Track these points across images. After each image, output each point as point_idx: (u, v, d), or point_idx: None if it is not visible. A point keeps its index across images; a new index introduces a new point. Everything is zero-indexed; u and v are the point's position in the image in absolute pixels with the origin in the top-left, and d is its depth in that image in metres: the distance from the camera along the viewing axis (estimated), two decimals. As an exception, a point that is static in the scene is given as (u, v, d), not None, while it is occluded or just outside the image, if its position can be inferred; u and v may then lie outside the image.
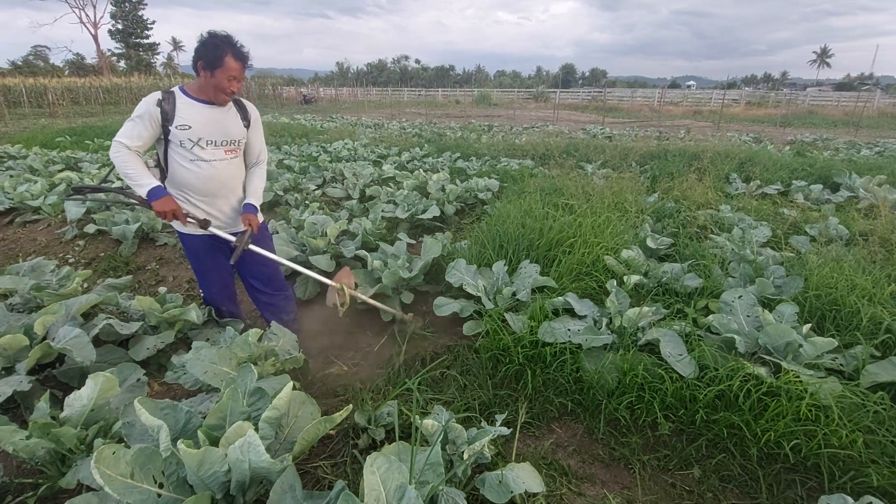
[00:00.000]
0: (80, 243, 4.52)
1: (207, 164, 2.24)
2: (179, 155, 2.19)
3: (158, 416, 1.59)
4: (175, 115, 2.12)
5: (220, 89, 2.13)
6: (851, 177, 6.31)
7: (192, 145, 2.18)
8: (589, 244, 3.13)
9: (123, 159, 2.07)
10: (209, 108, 2.20)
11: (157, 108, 2.09)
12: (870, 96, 30.69)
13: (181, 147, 2.17)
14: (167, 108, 2.10)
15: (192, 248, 2.43)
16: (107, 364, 2.33)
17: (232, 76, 2.11)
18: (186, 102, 2.16)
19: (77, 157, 8.07)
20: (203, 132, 2.18)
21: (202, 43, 2.07)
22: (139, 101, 2.18)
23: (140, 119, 2.08)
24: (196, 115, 2.16)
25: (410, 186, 5.28)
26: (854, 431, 1.81)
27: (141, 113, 2.08)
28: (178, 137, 2.14)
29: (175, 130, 2.13)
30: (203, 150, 2.21)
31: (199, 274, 2.57)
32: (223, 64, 2.07)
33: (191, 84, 2.21)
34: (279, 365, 2.13)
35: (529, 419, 2.18)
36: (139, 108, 2.09)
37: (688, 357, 2.18)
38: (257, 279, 2.63)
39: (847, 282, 2.66)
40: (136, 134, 2.08)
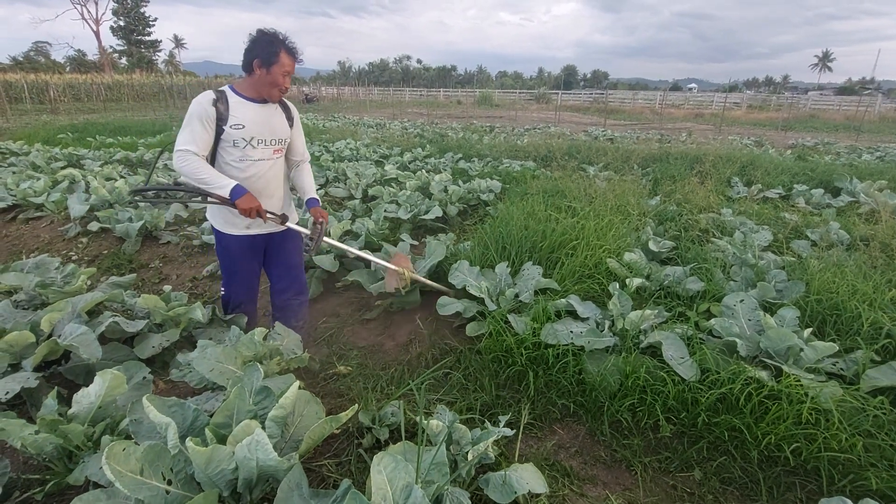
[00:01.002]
0: (83, 241, 4.53)
1: (256, 163, 2.25)
2: (229, 154, 2.19)
3: (166, 413, 1.61)
4: (229, 114, 2.12)
5: (274, 85, 2.15)
6: (852, 181, 6.33)
7: (244, 144, 2.19)
8: (591, 247, 3.15)
9: (194, 165, 2.06)
10: (260, 106, 2.21)
11: (212, 109, 2.08)
12: (871, 101, 30.74)
13: (233, 146, 2.17)
14: (221, 108, 2.10)
15: (229, 248, 2.41)
16: (112, 362, 2.35)
17: (286, 72, 2.13)
18: (239, 101, 2.16)
19: (79, 154, 8.09)
20: (255, 131, 2.19)
21: (256, 41, 2.09)
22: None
23: (199, 122, 2.07)
24: (249, 114, 2.17)
25: (413, 187, 5.30)
26: (854, 435, 1.83)
27: (198, 115, 2.07)
28: (232, 137, 2.15)
29: (229, 130, 2.13)
30: (254, 149, 2.22)
31: (229, 273, 2.54)
32: (278, 60, 2.09)
33: (241, 83, 2.21)
34: (284, 364, 2.15)
35: (532, 420, 2.20)
36: (195, 111, 2.07)
37: (689, 360, 2.19)
38: (285, 281, 2.64)
39: (848, 287, 2.68)
40: (199, 138, 2.07)
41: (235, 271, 2.50)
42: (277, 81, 2.14)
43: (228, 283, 2.56)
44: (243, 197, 2.11)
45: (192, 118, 2.06)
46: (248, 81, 2.18)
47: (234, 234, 2.35)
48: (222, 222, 2.33)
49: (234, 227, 2.33)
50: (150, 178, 2.49)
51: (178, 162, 2.07)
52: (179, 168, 2.07)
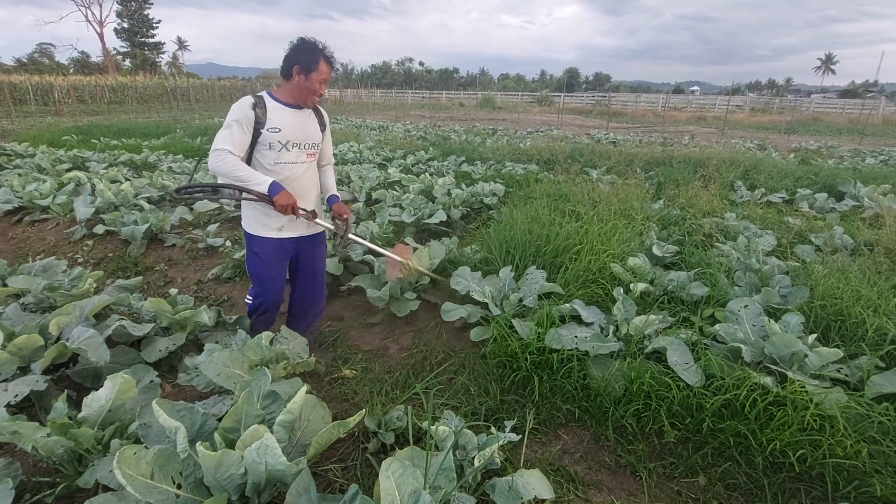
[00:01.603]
0: (88, 243, 4.56)
1: (291, 166, 2.29)
2: (264, 157, 2.24)
3: (175, 417, 1.63)
4: (267, 118, 2.18)
5: (311, 92, 2.22)
6: (856, 186, 6.32)
7: (280, 147, 2.23)
8: (595, 251, 3.16)
9: (232, 163, 2.10)
10: (296, 111, 2.27)
11: (252, 112, 2.14)
12: (874, 104, 30.68)
13: (269, 149, 2.22)
14: (259, 112, 2.16)
15: (265, 254, 2.39)
16: (120, 365, 2.36)
17: (323, 79, 2.20)
18: (276, 106, 2.22)
19: (84, 156, 8.13)
20: (290, 135, 2.25)
21: (297, 48, 2.16)
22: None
23: (238, 124, 2.11)
24: (285, 119, 2.23)
25: (416, 190, 5.32)
26: (858, 442, 1.83)
27: (238, 118, 2.11)
28: (268, 140, 2.20)
29: (266, 133, 2.19)
30: (289, 152, 2.27)
31: (262, 280, 2.46)
32: (317, 67, 2.16)
33: (279, 89, 2.27)
34: (290, 368, 2.16)
35: (536, 425, 2.21)
36: (235, 113, 2.12)
37: (694, 366, 2.20)
38: (308, 287, 2.65)
39: (852, 292, 2.68)
40: (237, 140, 2.12)
41: (269, 276, 2.45)
42: (314, 88, 2.20)
43: (261, 288, 2.49)
44: (281, 193, 2.14)
45: (231, 120, 2.12)
46: (286, 87, 2.24)
47: (268, 237, 2.36)
48: (255, 224, 2.34)
49: (268, 228, 2.34)
50: (192, 180, 2.51)
51: (214, 161, 2.10)
52: (216, 167, 2.10)
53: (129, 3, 49.57)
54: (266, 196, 2.14)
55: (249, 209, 2.34)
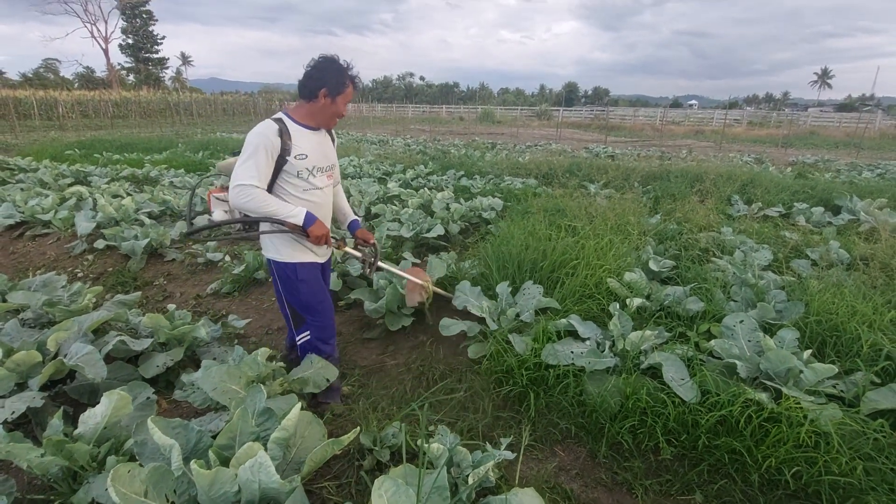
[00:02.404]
0: (88, 258, 4.59)
1: (318, 192, 2.18)
2: (293, 185, 2.10)
3: (170, 435, 1.63)
4: (292, 144, 2.03)
5: (336, 115, 2.12)
6: (852, 199, 6.36)
7: (307, 174, 2.11)
8: (592, 266, 3.18)
9: (261, 198, 1.96)
10: (315, 133, 2.15)
11: (278, 140, 1.98)
12: (871, 117, 30.94)
13: (297, 177, 2.08)
14: (285, 140, 2.01)
15: (307, 280, 2.24)
16: (117, 381, 2.37)
17: (348, 101, 2.11)
18: (298, 130, 2.07)
19: (86, 171, 8.20)
20: (315, 160, 2.13)
21: (325, 69, 2.02)
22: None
23: (265, 155, 1.96)
24: (308, 143, 2.10)
25: (415, 205, 5.36)
26: (854, 459, 1.83)
27: (265, 148, 1.96)
28: (296, 168, 2.06)
29: (293, 161, 2.04)
30: (315, 177, 2.15)
31: (312, 308, 2.29)
32: (345, 90, 2.06)
33: (298, 110, 2.11)
34: (287, 385, 2.17)
35: (532, 442, 2.20)
36: (257, 142, 1.95)
37: (690, 382, 2.20)
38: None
39: (847, 307, 2.69)
40: (262, 172, 1.97)
41: (320, 301, 2.30)
42: (340, 111, 2.10)
43: (314, 319, 2.31)
44: (315, 223, 2.07)
45: (256, 150, 1.94)
46: (308, 109, 2.10)
47: (311, 261, 2.24)
48: (293, 252, 2.17)
49: (305, 253, 2.21)
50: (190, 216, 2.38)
51: (240, 197, 1.94)
52: (243, 203, 1.95)
53: (133, 19, 50.34)
54: (300, 228, 2.06)
55: (280, 237, 2.16)
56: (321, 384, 2.24)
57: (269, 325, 3.32)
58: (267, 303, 3.60)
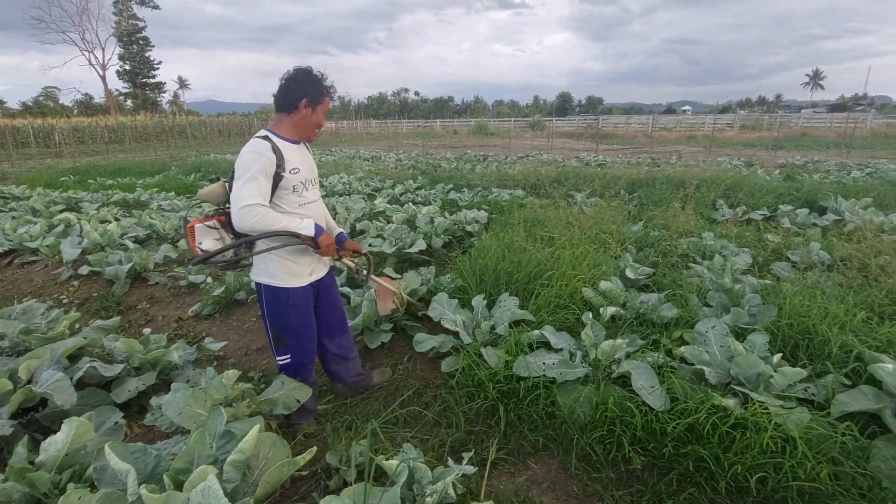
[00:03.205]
0: (74, 284, 4.61)
1: (312, 205, 2.18)
2: (288, 201, 2.07)
3: (128, 460, 1.63)
4: (284, 159, 2.00)
5: (317, 125, 2.12)
6: (837, 200, 6.38)
7: (302, 189, 2.10)
8: (567, 276, 3.18)
9: (269, 217, 1.92)
10: (297, 147, 2.12)
11: (273, 156, 1.95)
12: (862, 117, 31.14)
13: (293, 192, 2.06)
14: (277, 156, 1.97)
15: (298, 305, 2.19)
16: (88, 407, 2.36)
17: (327, 111, 2.12)
18: (284, 145, 2.04)
19: (78, 196, 8.26)
20: (305, 172, 2.11)
21: (302, 80, 2.02)
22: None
23: (263, 173, 1.92)
24: (296, 157, 2.07)
25: (400, 220, 5.38)
26: (819, 463, 1.82)
27: (262, 166, 1.92)
28: (292, 182, 2.03)
29: (289, 176, 2.01)
30: (307, 191, 2.14)
31: (297, 334, 2.25)
32: (324, 100, 2.08)
33: (280, 125, 2.08)
34: (255, 406, 2.16)
35: (505, 455, 2.19)
36: (257, 161, 1.91)
37: (659, 389, 2.19)
38: (338, 325, 2.50)
39: (820, 309, 2.69)
40: (265, 191, 1.94)
41: (305, 327, 2.26)
42: (320, 121, 2.11)
43: (297, 344, 2.27)
44: (324, 234, 2.07)
45: (255, 169, 1.90)
46: (289, 121, 2.07)
47: (303, 286, 2.19)
48: (286, 276, 2.12)
49: (300, 277, 2.16)
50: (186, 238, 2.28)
51: (249, 218, 1.89)
52: (252, 224, 1.90)
53: (130, 45, 51.15)
54: (311, 239, 2.03)
55: (273, 261, 2.10)
56: (291, 405, 2.24)
57: (249, 346, 3.32)
58: (248, 323, 3.60)
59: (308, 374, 2.37)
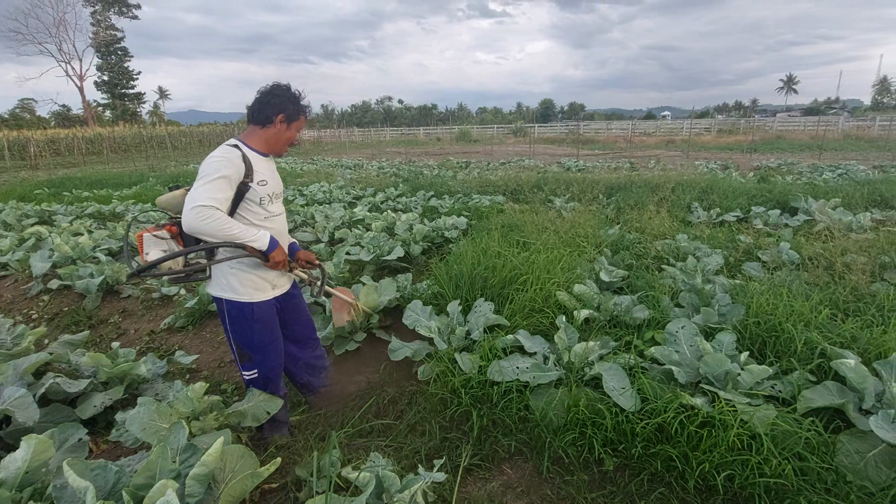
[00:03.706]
0: (44, 298, 4.49)
1: (277, 218, 2.16)
2: (253, 213, 2.03)
3: (87, 477, 1.59)
4: (254, 170, 1.97)
5: (289, 142, 2.12)
6: (808, 201, 6.54)
7: (268, 201, 2.07)
8: (541, 280, 3.20)
9: (221, 221, 1.84)
10: (266, 159, 2.11)
11: (242, 165, 1.92)
12: (834, 120, 32.09)
13: (258, 205, 2.02)
14: (247, 166, 1.94)
15: (263, 319, 2.14)
16: (52, 424, 2.29)
17: (301, 129, 2.14)
18: (255, 156, 2.02)
19: (51, 209, 8.07)
20: (272, 186, 2.10)
21: (280, 95, 2.03)
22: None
23: (226, 179, 1.86)
24: (265, 169, 2.06)
25: (379, 228, 5.37)
26: (785, 459, 1.85)
27: (227, 171, 1.86)
28: (259, 194, 2.00)
29: (256, 187, 1.98)
30: (273, 205, 2.12)
31: (263, 348, 2.19)
32: (300, 117, 2.09)
33: (251, 136, 2.06)
34: (223, 419, 2.13)
35: (479, 461, 2.18)
36: (222, 165, 1.86)
37: (630, 390, 2.21)
38: (307, 336, 2.48)
39: (785, 308, 2.75)
40: (224, 196, 1.87)
41: (271, 341, 2.21)
42: (293, 138, 2.12)
43: (263, 359, 2.21)
44: (278, 249, 2.01)
45: (220, 174, 1.85)
46: (262, 135, 2.06)
47: (267, 300, 2.14)
48: (250, 290, 2.07)
49: (263, 291, 2.12)
50: (127, 252, 2.19)
51: (199, 219, 1.79)
52: (201, 226, 1.81)
53: (108, 56, 50.44)
54: (261, 253, 1.98)
55: (235, 275, 2.04)
56: (261, 417, 2.20)
57: (222, 359, 3.27)
58: (221, 335, 3.55)
59: (277, 388, 2.33)
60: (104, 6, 48.12)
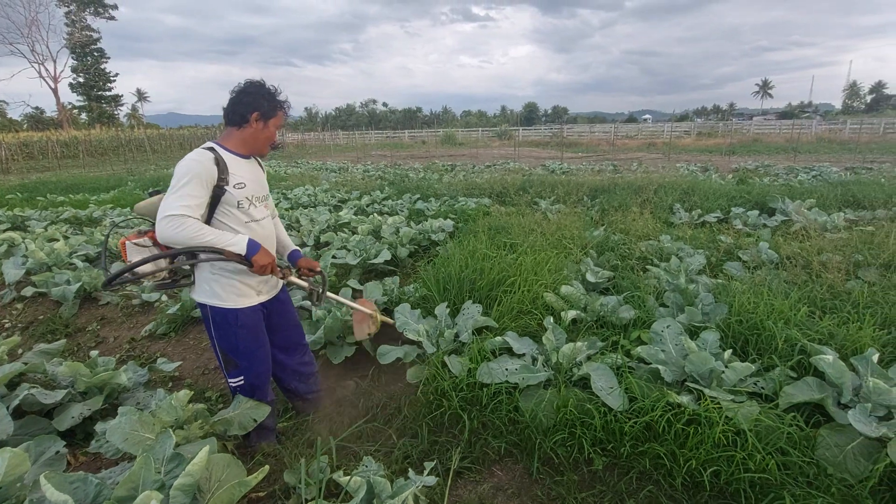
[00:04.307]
0: (18, 306, 4.35)
1: (261, 223, 2.08)
2: (232, 218, 1.97)
3: (66, 490, 1.54)
4: (229, 173, 1.90)
5: (269, 140, 2.04)
6: (785, 202, 6.71)
7: (248, 205, 1.99)
8: (529, 282, 3.22)
9: (194, 229, 1.78)
10: (248, 162, 2.05)
11: (214, 168, 1.85)
12: (807, 123, 33.03)
13: (237, 209, 1.96)
14: (221, 169, 1.88)
15: (247, 325, 2.09)
16: (27, 436, 2.22)
17: (278, 126, 2.04)
18: (232, 159, 1.95)
19: (25, 215, 7.83)
20: (252, 189, 2.02)
21: (254, 93, 1.96)
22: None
23: (199, 183, 1.81)
24: (243, 171, 1.99)
25: (365, 231, 5.33)
26: (768, 454, 1.88)
27: (199, 176, 1.81)
28: (236, 198, 1.93)
29: (232, 190, 1.92)
30: (256, 208, 2.05)
31: (249, 355, 2.14)
32: (277, 114, 2.00)
33: (229, 138, 2.00)
34: (208, 427, 2.08)
35: (469, 464, 2.18)
36: (191, 168, 1.81)
37: (618, 390, 2.23)
38: (294, 342, 2.42)
39: (766, 306, 2.81)
40: (197, 202, 1.81)
41: (257, 348, 2.16)
42: (272, 136, 2.03)
43: (249, 366, 2.16)
44: (260, 251, 1.91)
45: (190, 179, 1.79)
46: (239, 135, 2.00)
47: (251, 306, 2.09)
48: (233, 296, 2.02)
49: (247, 297, 2.07)
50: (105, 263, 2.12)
51: (172, 229, 1.75)
52: (174, 235, 1.76)
53: (84, 57, 49.26)
54: (241, 257, 1.89)
55: (218, 281, 2.00)
56: (248, 425, 2.16)
57: (206, 366, 3.21)
58: (205, 342, 3.48)
59: (264, 394, 2.28)
60: (79, 6, 47.02)
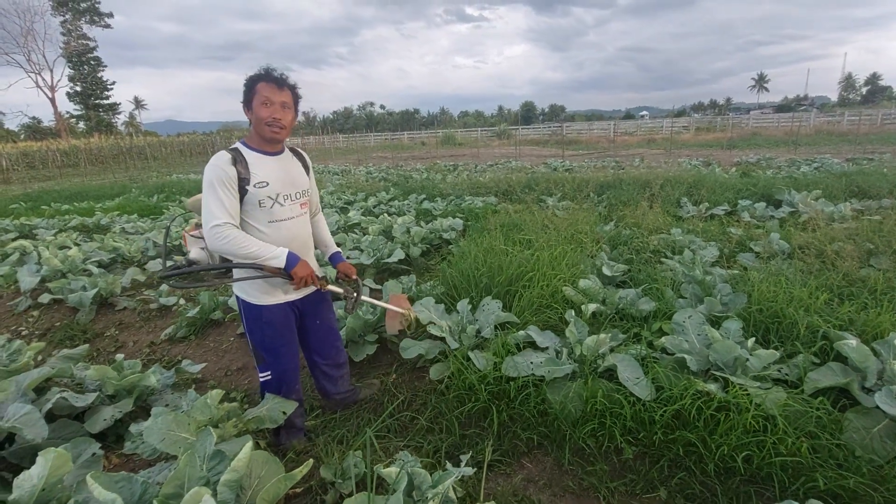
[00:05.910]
0: (34, 314, 4.37)
1: (286, 222, 2.04)
2: (256, 218, 1.97)
3: (113, 489, 1.56)
4: (250, 172, 1.91)
5: (262, 121, 1.92)
6: (791, 193, 6.74)
7: (271, 203, 1.98)
8: (547, 277, 3.24)
9: (238, 240, 1.82)
10: (276, 158, 2.03)
11: (233, 169, 1.86)
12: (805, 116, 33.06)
13: (260, 208, 1.95)
14: (241, 168, 1.89)
15: (273, 323, 2.11)
16: (61, 440, 2.25)
17: (265, 99, 1.90)
18: (255, 157, 1.96)
19: (32, 223, 7.86)
20: (279, 187, 1.99)
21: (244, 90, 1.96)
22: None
23: (223, 188, 1.84)
24: (268, 169, 1.97)
25: (376, 231, 5.36)
26: (798, 438, 1.90)
27: (220, 181, 1.84)
28: (258, 197, 1.93)
29: (254, 190, 1.92)
30: (282, 207, 2.01)
31: (274, 351, 2.17)
32: (256, 91, 1.91)
33: (251, 136, 2.02)
34: (242, 425, 2.10)
35: (499, 456, 2.20)
36: (214, 176, 1.83)
37: (644, 380, 2.26)
38: (327, 346, 2.42)
39: (786, 294, 2.83)
40: (230, 206, 1.85)
41: (282, 345, 2.17)
42: (262, 115, 1.91)
43: (275, 362, 2.18)
44: (300, 264, 1.93)
45: (213, 186, 1.83)
46: (251, 132, 2.02)
47: (277, 303, 2.10)
48: (258, 293, 2.05)
49: (273, 295, 2.08)
50: (165, 256, 2.07)
51: (216, 240, 1.81)
52: (221, 246, 1.82)
53: (81, 66, 49.36)
54: (282, 271, 1.92)
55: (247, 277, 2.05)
56: (278, 419, 2.18)
57: (229, 367, 3.23)
58: (225, 343, 3.50)
59: (291, 391, 2.29)
60: (75, 15, 47.10)
